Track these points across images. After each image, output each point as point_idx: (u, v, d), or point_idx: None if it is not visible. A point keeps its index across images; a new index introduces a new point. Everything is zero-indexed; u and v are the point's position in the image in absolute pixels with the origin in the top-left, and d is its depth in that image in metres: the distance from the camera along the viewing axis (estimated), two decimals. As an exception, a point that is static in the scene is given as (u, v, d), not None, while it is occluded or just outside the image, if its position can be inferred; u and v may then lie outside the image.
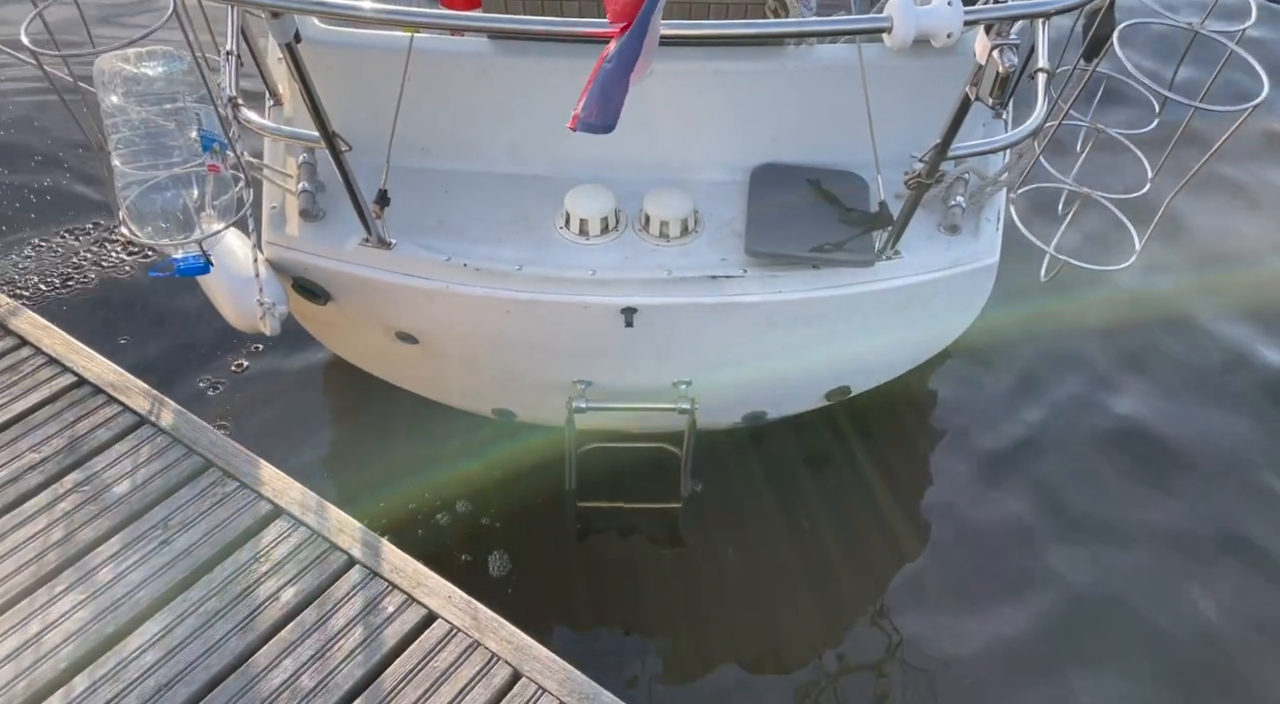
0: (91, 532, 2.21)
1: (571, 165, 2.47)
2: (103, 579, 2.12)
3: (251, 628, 2.05)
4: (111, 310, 3.36)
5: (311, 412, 3.22)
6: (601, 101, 1.56)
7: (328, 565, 2.17)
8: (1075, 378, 3.41)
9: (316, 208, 2.37)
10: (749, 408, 2.83)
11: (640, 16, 1.53)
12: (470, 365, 2.64)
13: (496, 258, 2.31)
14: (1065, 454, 3.18)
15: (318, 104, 1.93)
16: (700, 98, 2.41)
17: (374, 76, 2.28)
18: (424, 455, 3.00)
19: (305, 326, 2.72)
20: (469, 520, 2.89)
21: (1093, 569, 2.88)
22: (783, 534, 2.93)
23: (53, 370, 2.55)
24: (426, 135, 2.47)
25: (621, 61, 1.54)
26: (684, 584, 2.82)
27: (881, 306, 2.40)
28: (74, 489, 2.29)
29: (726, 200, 2.46)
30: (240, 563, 2.17)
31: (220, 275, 2.26)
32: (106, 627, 2.03)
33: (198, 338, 3.30)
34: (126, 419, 2.45)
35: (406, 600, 2.11)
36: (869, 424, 3.18)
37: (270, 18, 1.75)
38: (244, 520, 2.25)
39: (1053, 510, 3.02)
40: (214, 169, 2.12)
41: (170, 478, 2.33)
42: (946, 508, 3.03)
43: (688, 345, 2.43)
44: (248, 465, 2.37)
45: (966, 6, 1.71)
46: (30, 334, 2.63)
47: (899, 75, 2.31)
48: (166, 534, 2.21)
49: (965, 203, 2.40)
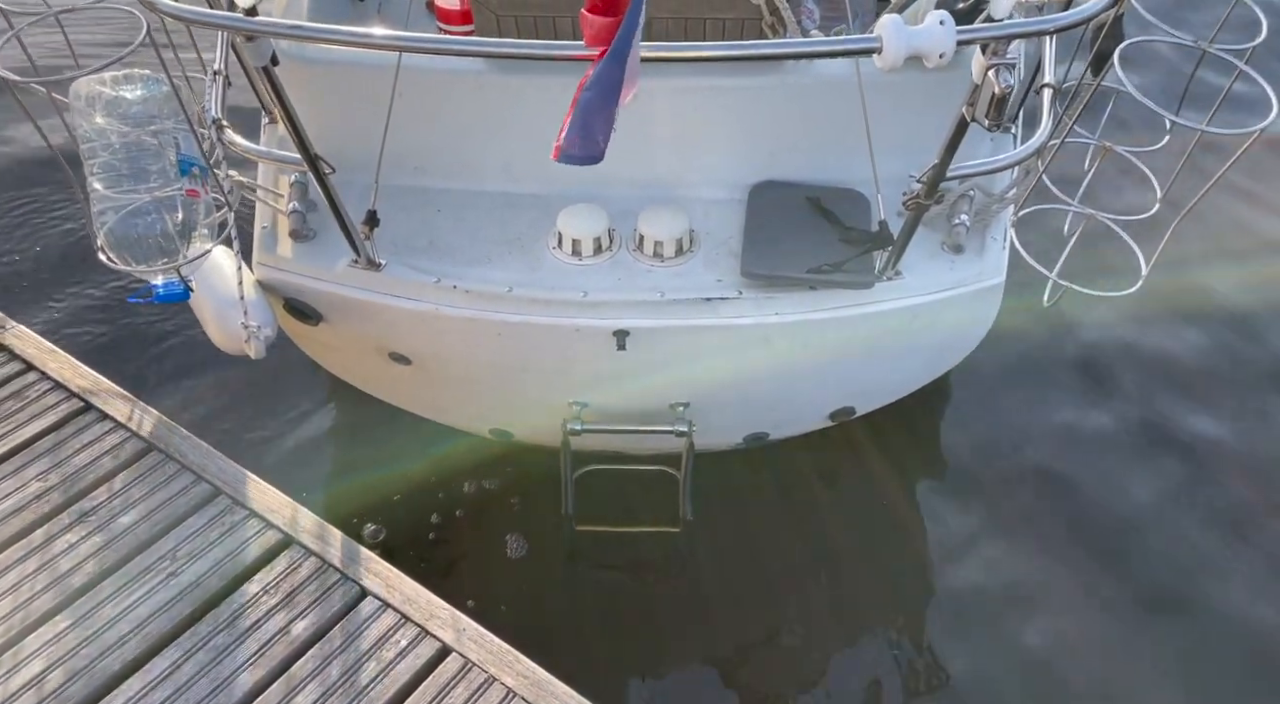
0: (97, 564, 2.16)
1: (566, 184, 2.39)
2: (109, 614, 2.07)
3: (261, 664, 1.99)
4: (113, 328, 3.32)
5: (313, 425, 3.18)
6: (583, 132, 1.49)
7: (339, 597, 2.11)
8: (1088, 387, 3.34)
9: (307, 228, 2.33)
10: (750, 429, 2.77)
11: (617, 42, 1.45)
12: (464, 386, 2.59)
13: (487, 279, 2.26)
14: (1080, 465, 3.11)
15: (298, 126, 1.89)
16: (697, 114, 2.36)
17: (367, 95, 2.23)
18: (421, 470, 2.96)
19: (300, 346, 2.67)
20: (464, 538, 2.86)
21: (1111, 586, 2.81)
22: (786, 555, 2.88)
23: (58, 396, 2.50)
24: (420, 154, 2.42)
25: (601, 89, 1.47)
26: (685, 609, 2.77)
27: (883, 328, 2.33)
28: (80, 519, 2.24)
29: (724, 219, 2.39)
30: (250, 595, 2.11)
31: (207, 297, 2.24)
32: (113, 664, 1.98)
33: (201, 355, 3.27)
34: (134, 445, 2.40)
35: (420, 634, 2.04)
36: (875, 441, 3.11)
37: (245, 41, 1.71)
38: (254, 550, 2.20)
39: (1070, 525, 2.95)
40: (193, 194, 2.07)
41: (178, 506, 2.28)
42: (956, 528, 2.97)
43: (684, 367, 2.37)
44: (258, 492, 2.31)
45: (967, 25, 1.65)
46: (35, 358, 2.58)
47: (902, 91, 2.23)
48: (175, 566, 2.16)
49: (969, 222, 2.32)
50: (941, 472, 3.14)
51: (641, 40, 1.55)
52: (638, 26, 1.46)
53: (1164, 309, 3.54)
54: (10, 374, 2.55)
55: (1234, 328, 3.55)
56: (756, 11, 2.28)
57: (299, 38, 1.80)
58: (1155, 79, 3.56)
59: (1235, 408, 3.29)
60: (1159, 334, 3.51)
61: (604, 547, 2.82)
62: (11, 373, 2.55)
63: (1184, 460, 3.13)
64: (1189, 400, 3.31)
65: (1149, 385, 3.35)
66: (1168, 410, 3.28)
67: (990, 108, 1.68)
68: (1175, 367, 3.43)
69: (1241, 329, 3.55)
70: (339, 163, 2.11)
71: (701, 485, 2.62)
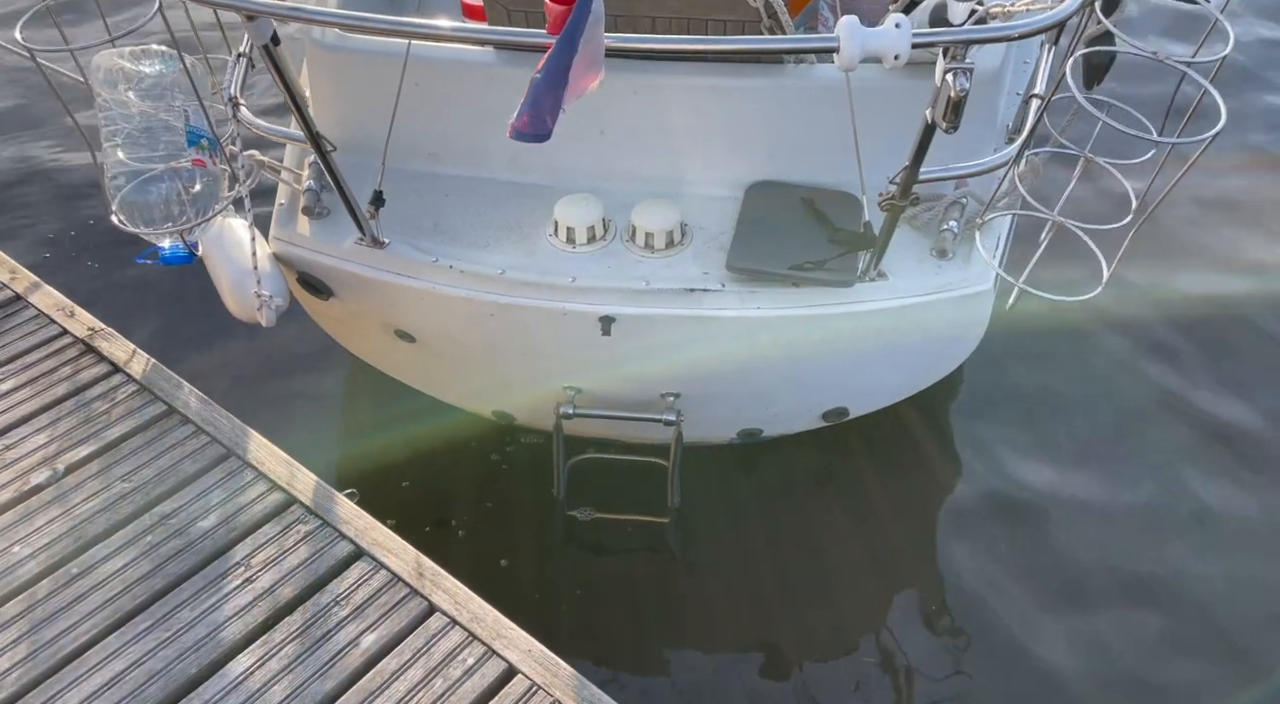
0: (177, 566, 2.22)
1: (570, 175, 2.52)
2: (186, 617, 2.12)
3: (332, 674, 2.02)
4: (195, 332, 3.42)
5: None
6: (532, 111, 1.59)
7: (408, 611, 2.14)
8: (1093, 396, 3.36)
9: (321, 206, 2.47)
10: (743, 425, 2.85)
11: (566, 29, 1.55)
12: (464, 366, 2.71)
13: (482, 261, 2.37)
14: (1084, 475, 3.10)
15: (300, 105, 2.02)
16: (698, 113, 2.43)
17: (386, 82, 2.33)
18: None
19: (315, 321, 2.84)
20: (463, 521, 2.93)
21: (1116, 595, 2.80)
22: (779, 548, 2.91)
23: (144, 399, 2.58)
24: (434, 141, 2.54)
25: (548, 72, 1.57)
26: (673, 598, 2.81)
27: (866, 329, 2.38)
28: (161, 522, 2.30)
29: (718, 215, 2.47)
30: (321, 605, 2.15)
31: (225, 265, 2.39)
32: (189, 667, 2.03)
33: (278, 359, 3.37)
34: (214, 450, 2.46)
35: (486, 653, 2.06)
36: (871, 439, 3.14)
37: (245, 20, 1.82)
38: (326, 561, 2.24)
39: (1071, 534, 2.95)
40: (199, 163, 2.26)
41: (254, 513, 2.33)
42: (953, 526, 2.99)
43: (669, 356, 2.45)
44: (331, 503, 2.35)
45: (976, 26, 1.70)
46: (122, 361, 2.66)
47: (900, 96, 2.25)
48: (250, 572, 2.21)
49: (958, 228, 2.36)
50: (938, 477, 3.15)
51: (629, 35, 1.71)
52: (587, 15, 1.55)
53: (1171, 317, 3.59)
54: (99, 375, 2.63)
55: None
56: (756, 14, 2.33)
57: (295, 18, 1.87)
58: (1158, 90, 3.59)
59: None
60: (1168, 346, 3.52)
61: (597, 534, 2.90)
62: (101, 374, 2.63)
63: (1190, 469, 3.12)
64: (1192, 406, 3.32)
65: (1158, 393, 3.37)
66: (1169, 416, 3.29)
67: (947, 110, 1.74)
68: (1176, 375, 3.43)
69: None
70: (359, 146, 2.30)
71: (696, 481, 2.72)
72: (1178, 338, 3.56)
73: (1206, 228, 4.02)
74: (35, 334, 2.73)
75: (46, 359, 2.67)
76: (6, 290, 2.87)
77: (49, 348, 2.70)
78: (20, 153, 4.33)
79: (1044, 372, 3.42)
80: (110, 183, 2.24)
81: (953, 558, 2.90)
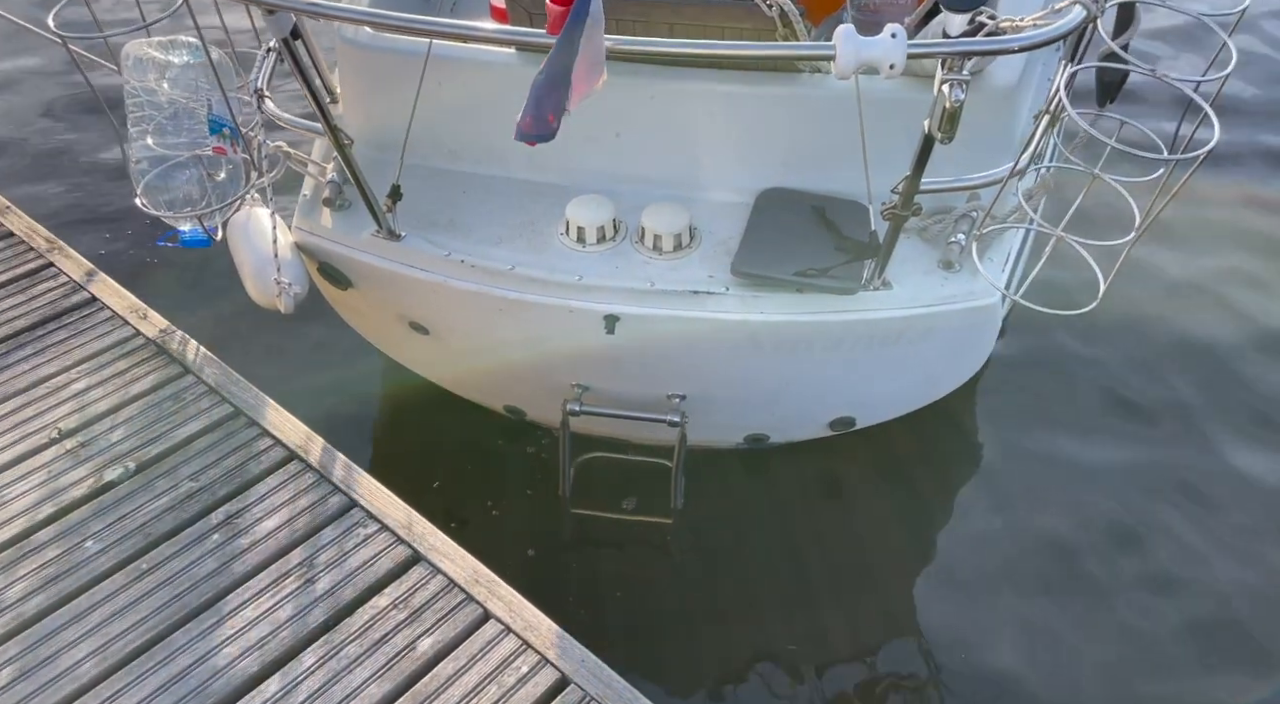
0: (241, 566, 2.27)
1: (585, 176, 2.57)
2: (250, 615, 2.17)
3: (389, 677, 2.06)
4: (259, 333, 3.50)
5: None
6: (535, 112, 1.62)
7: (464, 617, 2.17)
8: (1106, 410, 3.34)
9: (342, 198, 2.54)
10: (749, 430, 2.91)
11: (564, 30, 1.58)
12: (475, 360, 2.76)
13: (493, 257, 2.42)
14: (1090, 489, 3.09)
15: (319, 98, 2.10)
16: (713, 119, 2.46)
17: (412, 80, 2.39)
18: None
19: (337, 311, 2.94)
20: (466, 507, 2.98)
21: (1121, 605, 2.79)
22: (782, 553, 2.93)
23: (211, 400, 2.65)
24: (455, 138, 2.60)
25: (549, 73, 1.59)
26: (669, 599, 2.83)
27: (870, 338, 2.40)
28: (226, 521, 2.36)
29: (729, 220, 2.49)
30: (379, 608, 2.19)
31: (248, 252, 2.48)
32: (251, 665, 2.08)
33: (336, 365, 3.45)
34: (277, 453, 2.52)
35: (540, 661, 2.08)
36: (880, 449, 3.14)
37: (266, 14, 1.91)
38: (384, 564, 2.27)
39: (1078, 546, 2.93)
40: (220, 151, 2.38)
41: (316, 515, 2.38)
42: (960, 539, 2.98)
43: (675, 359, 2.49)
44: (390, 508, 2.40)
45: (971, 38, 1.73)
46: (192, 362, 2.74)
47: (917, 108, 2.26)
48: (311, 573, 2.25)
49: (965, 240, 2.36)
50: (947, 489, 3.14)
51: (626, 38, 1.74)
52: (584, 16, 1.58)
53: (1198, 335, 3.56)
54: (170, 376, 2.71)
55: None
56: (772, 22, 2.35)
57: (314, 14, 1.93)
58: (1173, 111, 3.61)
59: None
60: (1180, 361, 3.50)
61: (599, 532, 2.93)
62: (171, 375, 2.71)
63: (1200, 480, 3.11)
64: (1209, 421, 3.29)
65: (1170, 405, 3.34)
66: (1183, 428, 3.26)
67: (942, 121, 1.77)
68: (1192, 389, 3.40)
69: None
70: (385, 141, 2.39)
71: (704, 484, 2.76)
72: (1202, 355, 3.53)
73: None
74: (109, 335, 2.82)
75: (120, 360, 2.75)
76: (82, 292, 2.96)
77: (122, 349, 2.78)
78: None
79: (1066, 385, 3.41)
80: (135, 167, 2.38)
81: (958, 571, 2.90)
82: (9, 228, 3.19)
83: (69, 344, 2.80)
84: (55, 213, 3.93)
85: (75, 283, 2.99)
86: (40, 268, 3.05)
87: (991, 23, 1.92)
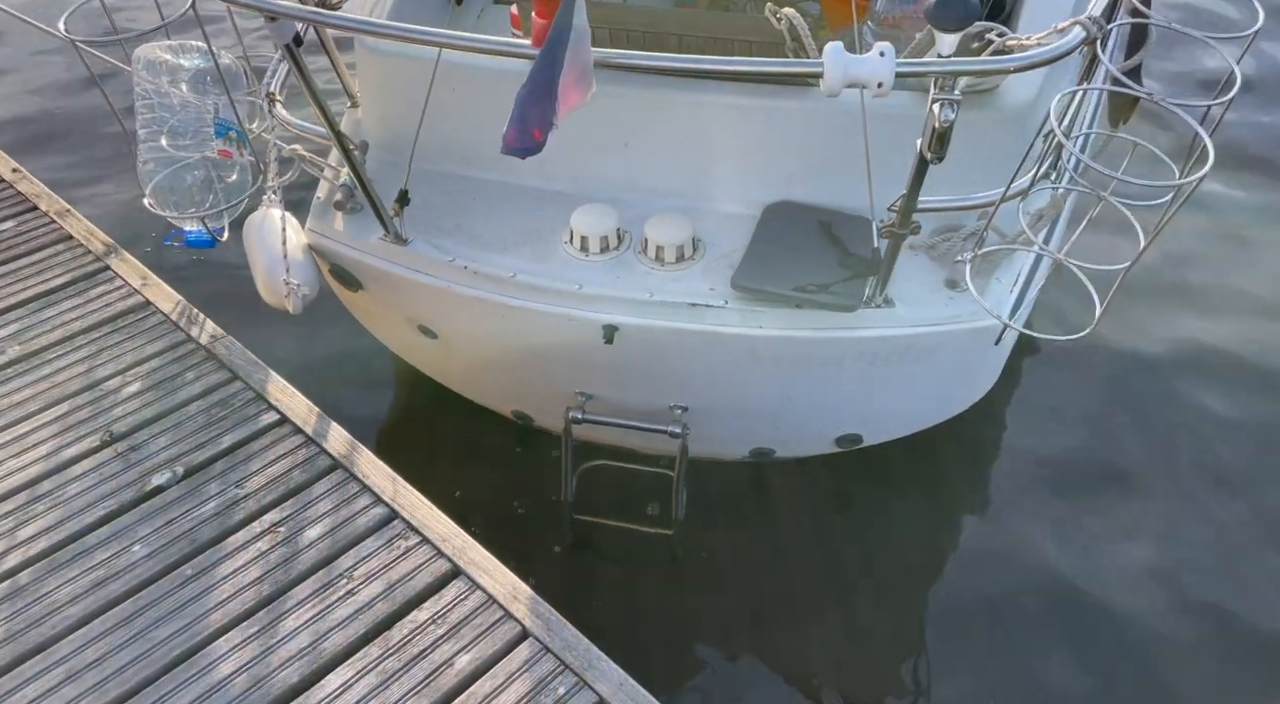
0: (284, 574, 2.28)
1: (594, 185, 2.58)
2: (290, 625, 2.18)
3: (426, 693, 2.06)
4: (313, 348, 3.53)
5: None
6: (519, 126, 1.61)
7: (502, 635, 2.16)
8: (1116, 428, 3.29)
9: (354, 202, 2.57)
10: (754, 443, 2.90)
11: (546, 43, 1.58)
12: (481, 365, 2.80)
13: (497, 263, 2.44)
14: (1098, 506, 3.04)
15: (322, 103, 2.14)
16: (722, 131, 2.45)
17: (427, 87, 2.42)
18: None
19: (350, 312, 2.98)
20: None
21: (1126, 614, 2.76)
22: (784, 568, 2.91)
23: (258, 406, 2.67)
24: (466, 145, 2.62)
25: (533, 86, 1.58)
26: (664, 610, 2.81)
27: (872, 356, 2.38)
28: (270, 529, 2.38)
29: (734, 233, 2.47)
30: (418, 623, 2.19)
31: (261, 252, 2.53)
32: (292, 676, 2.09)
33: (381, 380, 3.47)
34: (322, 461, 2.53)
35: (578, 683, 2.06)
36: (888, 467, 3.10)
37: (268, 21, 1.93)
38: (424, 577, 2.28)
39: (1087, 567, 2.88)
40: (225, 153, 2.45)
41: (358, 526, 2.39)
42: (966, 560, 2.95)
43: (674, 370, 2.49)
44: (431, 520, 2.40)
45: (962, 58, 1.73)
46: (241, 370, 2.77)
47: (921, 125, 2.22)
48: (352, 585, 2.26)
49: (970, 259, 2.30)
50: (955, 510, 3.10)
51: (621, 52, 1.76)
52: (566, 30, 1.57)
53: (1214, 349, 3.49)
54: (219, 382, 2.74)
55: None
56: (781, 36, 2.33)
57: (317, 22, 1.98)
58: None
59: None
60: (1192, 380, 3.44)
61: (600, 540, 2.92)
62: (220, 381, 2.74)
63: (1212, 493, 3.06)
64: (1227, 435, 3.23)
65: (1182, 424, 3.28)
66: (1198, 444, 3.20)
67: (932, 141, 1.77)
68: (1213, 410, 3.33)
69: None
70: (402, 147, 2.42)
71: (709, 496, 2.77)
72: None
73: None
74: (162, 339, 2.87)
75: (171, 364, 2.79)
76: (137, 296, 3.01)
77: (174, 353, 2.82)
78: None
79: (1083, 408, 3.35)
80: (142, 168, 2.44)
81: (962, 590, 2.86)
82: (68, 231, 3.26)
83: (122, 347, 2.85)
84: (113, 215, 3.99)
85: (130, 287, 3.04)
86: (97, 271, 3.11)
87: (999, 41, 1.90)
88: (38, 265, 3.13)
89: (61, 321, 2.93)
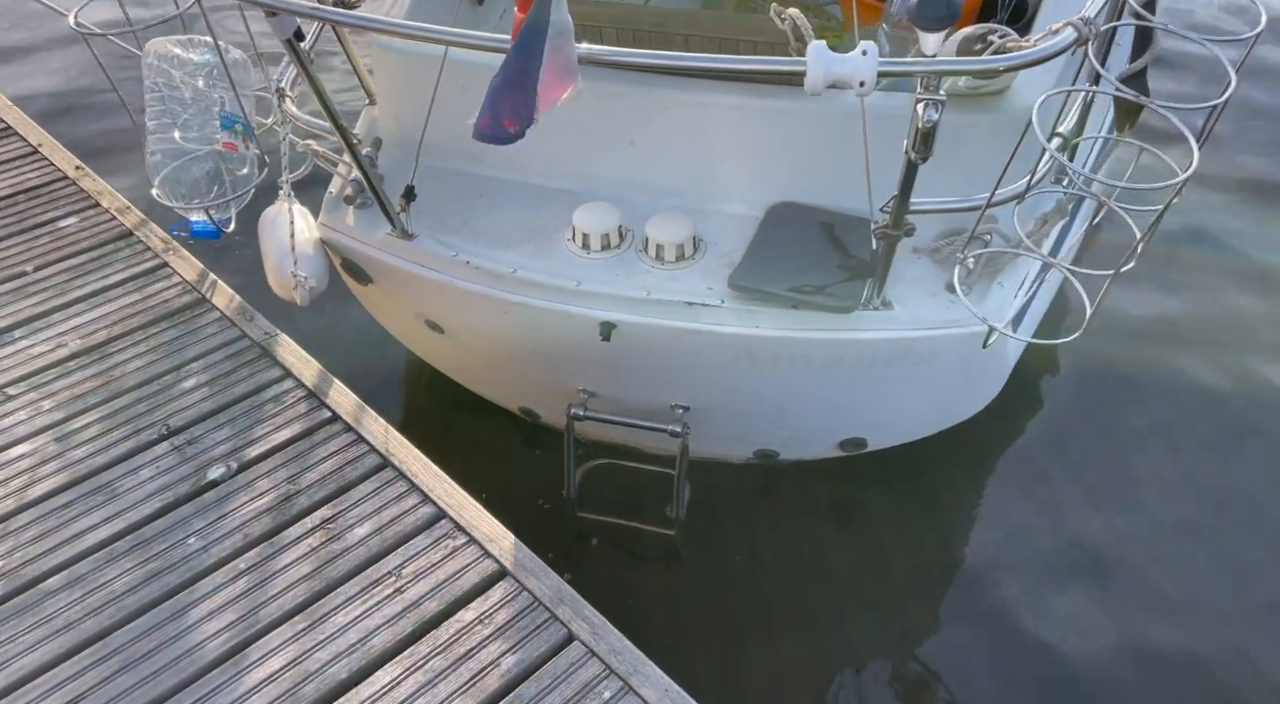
0: (334, 570, 2.31)
1: (598, 184, 2.60)
2: (340, 621, 2.21)
3: (472, 694, 2.07)
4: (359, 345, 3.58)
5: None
6: (491, 113, 1.63)
7: (547, 637, 2.17)
8: (1123, 435, 3.26)
9: (364, 196, 2.59)
10: (758, 445, 2.92)
11: (520, 35, 1.60)
12: (486, 360, 2.82)
13: (499, 259, 2.46)
14: (1106, 518, 3.01)
15: (325, 98, 2.17)
16: (726, 131, 2.45)
17: (441, 84, 2.44)
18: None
19: (362, 304, 3.03)
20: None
21: (1130, 624, 2.73)
22: (784, 570, 2.91)
23: (310, 404, 2.71)
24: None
25: (505, 77, 1.61)
26: (662, 610, 2.80)
27: (871, 359, 2.37)
28: (321, 525, 2.41)
29: (736, 233, 2.48)
30: (465, 622, 2.20)
31: (272, 245, 2.57)
32: (340, 672, 2.11)
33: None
34: (371, 459, 2.56)
35: (623, 688, 2.06)
36: (893, 471, 3.08)
37: (268, 16, 1.95)
38: (471, 577, 2.29)
39: (1096, 572, 2.87)
40: (230, 146, 2.51)
41: (406, 524, 2.41)
42: (970, 568, 2.92)
43: (672, 369, 2.50)
44: (478, 519, 2.41)
45: (946, 58, 1.72)
46: (294, 367, 2.81)
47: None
48: (400, 583, 2.28)
49: (972, 264, 2.30)
50: (962, 515, 3.08)
51: (620, 50, 1.81)
52: (543, 23, 1.58)
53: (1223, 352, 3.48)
54: (273, 378, 2.78)
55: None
56: (785, 36, 2.32)
57: (315, 17, 1.99)
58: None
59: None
60: (1194, 375, 3.42)
61: (602, 537, 2.95)
62: (274, 378, 2.78)
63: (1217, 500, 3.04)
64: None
65: (1186, 430, 3.27)
66: (1194, 446, 3.20)
67: (916, 141, 1.76)
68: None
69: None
70: (415, 141, 2.45)
71: (713, 497, 2.79)
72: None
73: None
74: (217, 336, 2.91)
75: (227, 360, 2.84)
76: (194, 292, 3.07)
77: (230, 350, 2.87)
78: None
79: (1096, 413, 3.32)
80: (150, 159, 2.51)
81: (965, 598, 2.84)
82: (128, 227, 3.33)
83: (180, 343, 2.90)
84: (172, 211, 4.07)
85: (188, 283, 3.10)
86: (156, 268, 3.17)
87: (1000, 42, 1.87)
88: (99, 261, 3.19)
89: (121, 317, 2.99)
